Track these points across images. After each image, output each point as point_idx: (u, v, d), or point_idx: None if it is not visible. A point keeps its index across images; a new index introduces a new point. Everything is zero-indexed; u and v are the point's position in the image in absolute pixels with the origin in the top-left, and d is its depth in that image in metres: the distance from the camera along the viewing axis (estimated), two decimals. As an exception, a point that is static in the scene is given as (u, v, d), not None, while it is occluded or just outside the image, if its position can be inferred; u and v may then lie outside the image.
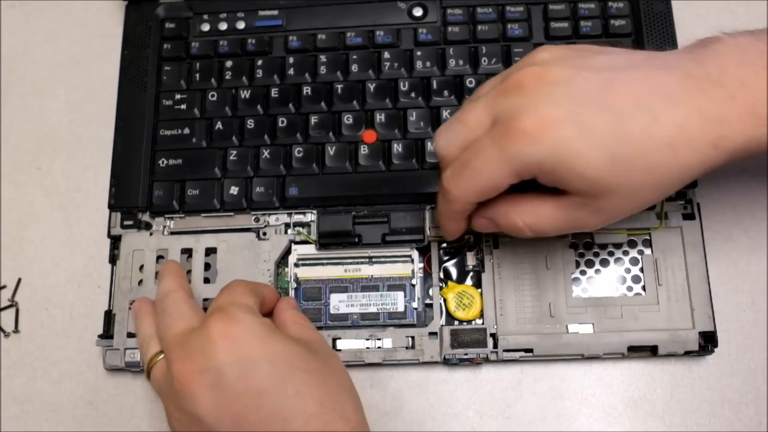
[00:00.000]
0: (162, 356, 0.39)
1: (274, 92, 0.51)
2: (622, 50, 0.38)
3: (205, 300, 0.47)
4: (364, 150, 0.49)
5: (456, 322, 0.46)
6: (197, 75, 0.52)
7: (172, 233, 0.49)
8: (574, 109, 0.35)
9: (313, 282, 0.48)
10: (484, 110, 0.37)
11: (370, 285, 0.47)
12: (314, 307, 0.47)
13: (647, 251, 0.47)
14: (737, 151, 0.35)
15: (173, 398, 0.37)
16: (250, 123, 0.50)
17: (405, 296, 0.47)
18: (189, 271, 0.48)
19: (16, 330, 0.50)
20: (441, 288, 0.47)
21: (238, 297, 0.40)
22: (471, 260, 0.48)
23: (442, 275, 0.47)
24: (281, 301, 0.44)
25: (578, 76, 0.36)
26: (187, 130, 0.51)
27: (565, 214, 0.38)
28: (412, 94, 0.50)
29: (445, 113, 0.49)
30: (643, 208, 0.39)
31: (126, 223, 0.49)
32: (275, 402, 0.35)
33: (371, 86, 0.51)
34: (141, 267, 0.48)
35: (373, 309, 0.47)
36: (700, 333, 0.45)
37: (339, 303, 0.47)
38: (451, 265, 0.48)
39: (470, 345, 0.45)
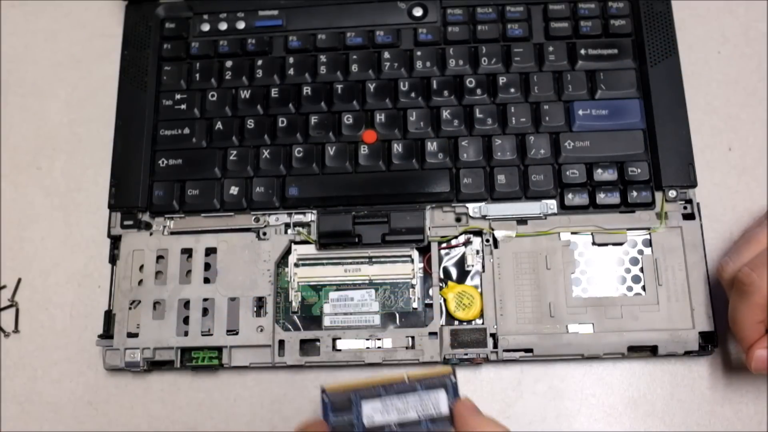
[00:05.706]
0: None
1: (274, 92, 0.51)
2: None
3: (205, 300, 0.47)
4: (364, 150, 0.49)
5: (456, 322, 0.46)
6: (197, 75, 0.52)
7: (172, 233, 0.49)
8: None
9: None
10: None
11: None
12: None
13: (647, 251, 0.47)
14: None
15: None
16: (250, 123, 0.50)
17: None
18: (189, 272, 0.48)
19: (16, 330, 0.50)
20: (441, 288, 0.47)
21: None
22: (471, 260, 0.48)
23: (442, 275, 0.47)
24: (461, 407, 0.36)
25: None
26: (187, 130, 0.51)
27: None
28: (412, 94, 0.50)
29: (445, 113, 0.49)
30: None
31: (126, 223, 0.49)
32: None
33: (371, 86, 0.51)
34: (141, 267, 0.48)
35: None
36: (700, 333, 0.45)
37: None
38: (451, 265, 0.48)
39: (470, 345, 0.45)
